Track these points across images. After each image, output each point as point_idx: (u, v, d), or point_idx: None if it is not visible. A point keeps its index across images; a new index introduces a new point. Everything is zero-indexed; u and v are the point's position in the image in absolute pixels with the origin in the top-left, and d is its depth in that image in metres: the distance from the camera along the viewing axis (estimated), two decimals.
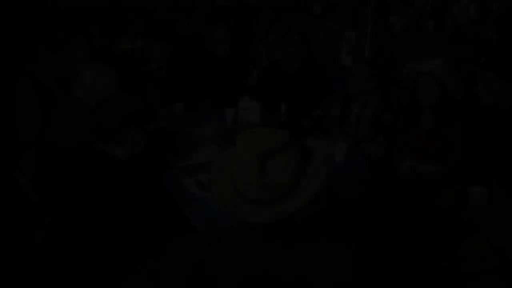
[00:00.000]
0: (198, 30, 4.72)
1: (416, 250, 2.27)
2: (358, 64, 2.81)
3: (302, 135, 2.72)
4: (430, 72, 2.44)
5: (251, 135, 1.13)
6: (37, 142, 2.28)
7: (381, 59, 3.28)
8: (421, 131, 2.60)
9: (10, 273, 1.80)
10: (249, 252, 1.13)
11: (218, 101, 3.34)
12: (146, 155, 2.43)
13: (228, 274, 1.13)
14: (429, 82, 2.45)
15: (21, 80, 2.59)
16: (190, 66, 3.40)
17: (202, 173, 2.17)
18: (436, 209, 2.37)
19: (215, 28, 3.37)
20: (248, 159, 1.08)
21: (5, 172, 2.01)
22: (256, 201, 1.12)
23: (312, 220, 1.92)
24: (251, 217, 1.12)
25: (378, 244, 2.33)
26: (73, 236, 1.70)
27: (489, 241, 1.75)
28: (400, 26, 3.04)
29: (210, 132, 2.73)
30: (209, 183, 1.24)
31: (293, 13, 4.04)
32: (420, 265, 2.17)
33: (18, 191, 1.98)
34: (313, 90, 3.35)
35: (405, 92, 3.09)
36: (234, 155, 1.15)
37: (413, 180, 2.52)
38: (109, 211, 1.64)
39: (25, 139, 2.52)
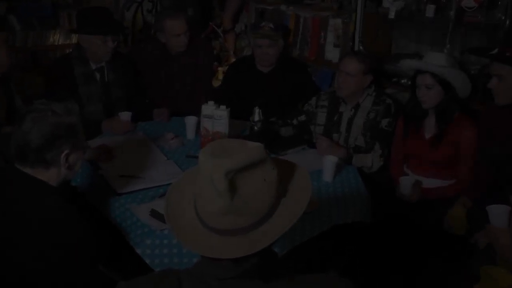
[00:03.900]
0: (149, 20, 4.72)
1: (424, 283, 2.31)
2: (347, 58, 2.86)
3: (281, 147, 2.75)
4: (429, 70, 2.50)
5: (218, 149, 1.13)
6: None
7: (374, 51, 3.35)
8: (425, 139, 2.67)
9: None
10: None
11: (176, 108, 3.33)
12: (85, 179, 2.41)
13: None
14: (429, 82, 2.52)
15: None
16: (140, 66, 3.38)
17: (157, 199, 2.15)
18: (446, 233, 2.42)
19: (170, 17, 3.37)
20: (214, 179, 1.08)
21: None
22: (226, 231, 1.12)
23: (298, 251, 1.93)
24: (219, 251, 1.11)
25: (379, 278, 2.35)
26: None
27: None
28: (395, 11, 3.12)
29: (167, 147, 2.72)
30: (166, 211, 1.23)
31: None
32: None
33: None
34: (293, 91, 3.39)
35: (403, 91, 3.17)
36: (196, 175, 1.15)
37: (417, 198, 2.57)
38: (32, 248, 1.60)
39: None
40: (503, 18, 2.64)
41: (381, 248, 2.40)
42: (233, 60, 4.35)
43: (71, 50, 3.22)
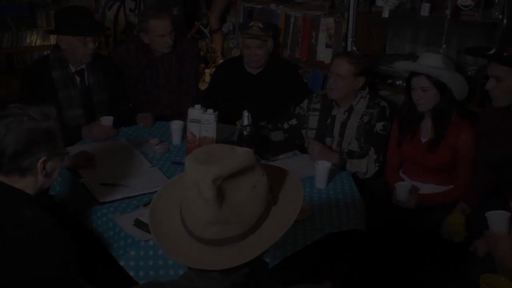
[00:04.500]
0: (131, 19, 4.71)
1: None
2: (338, 59, 2.87)
3: (272, 152, 2.75)
4: (425, 72, 2.52)
5: (205, 155, 1.14)
6: None
7: (368, 52, 3.37)
8: (421, 143, 2.68)
9: None
10: None
11: (161, 112, 3.32)
12: (65, 187, 2.39)
13: None
14: (424, 84, 2.54)
15: None
16: (122, 68, 3.37)
17: (142, 208, 2.14)
18: (444, 241, 2.43)
19: (154, 16, 3.37)
20: (201, 187, 1.08)
21: None
22: (214, 241, 1.12)
23: (290, 261, 1.93)
24: (207, 262, 1.11)
25: None
26: None
27: None
28: (389, 10, 3.14)
29: (151, 153, 2.72)
30: (151, 220, 1.23)
31: None
32: None
33: None
34: (284, 94, 3.40)
35: (398, 93, 3.19)
36: (183, 183, 1.15)
37: (414, 205, 2.58)
38: (6, 262, 1.58)
39: None
40: (500, 17, 2.67)
41: (377, 257, 2.41)
42: (220, 61, 4.35)
43: (49, 52, 3.20)
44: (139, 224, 2.02)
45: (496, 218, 2.00)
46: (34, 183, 1.71)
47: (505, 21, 2.66)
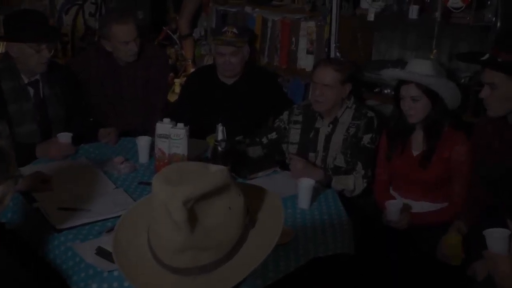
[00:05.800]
0: (92, 25, 4.70)
1: None
2: (322, 67, 2.90)
3: (249, 170, 2.75)
4: (414, 80, 2.56)
5: (175, 174, 1.14)
6: None
7: (353, 58, 3.41)
8: (412, 157, 2.72)
9: None
10: None
11: (126, 127, 3.31)
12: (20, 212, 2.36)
13: None
14: (414, 93, 2.58)
15: None
16: (82, 79, 3.36)
17: (105, 235, 2.12)
18: (440, 264, 2.46)
19: (117, 21, 3.36)
20: (170, 209, 1.08)
21: None
22: (186, 270, 1.12)
23: None
24: None
25: None
26: None
27: None
28: (374, 13, 3.19)
29: (116, 173, 2.70)
30: (115, 248, 1.22)
31: None
32: None
33: None
34: (262, 105, 3.41)
35: (387, 103, 3.23)
36: (150, 205, 1.15)
37: (406, 225, 2.61)
38: None
39: None
40: (493, 19, 2.73)
41: (367, 282, 2.42)
42: (191, 70, 4.37)
43: None
44: (101, 252, 2.00)
45: (495, 236, 2.02)
46: None
47: (498, 24, 2.72)
